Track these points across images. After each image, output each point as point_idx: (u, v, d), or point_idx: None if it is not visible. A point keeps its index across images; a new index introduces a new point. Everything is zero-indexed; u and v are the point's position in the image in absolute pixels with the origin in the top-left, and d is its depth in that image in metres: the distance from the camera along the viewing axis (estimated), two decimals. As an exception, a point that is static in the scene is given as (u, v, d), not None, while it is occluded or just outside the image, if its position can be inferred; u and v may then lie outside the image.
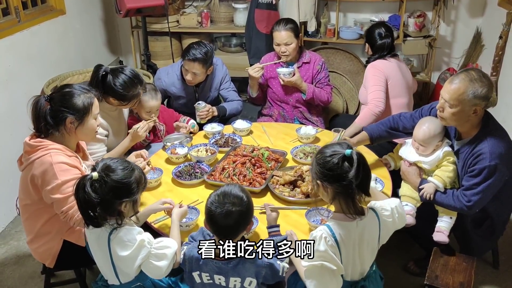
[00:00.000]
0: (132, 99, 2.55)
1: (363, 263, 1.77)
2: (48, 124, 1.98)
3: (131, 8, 3.67)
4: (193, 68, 3.00)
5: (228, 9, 4.38)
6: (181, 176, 2.39)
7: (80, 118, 2.01)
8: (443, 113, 2.17)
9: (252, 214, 1.73)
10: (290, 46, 3.12)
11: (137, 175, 1.73)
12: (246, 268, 1.69)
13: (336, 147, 1.71)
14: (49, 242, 2.12)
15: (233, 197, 1.65)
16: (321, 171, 1.68)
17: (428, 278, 2.18)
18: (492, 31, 3.80)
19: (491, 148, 2.10)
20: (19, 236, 3.05)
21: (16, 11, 3.25)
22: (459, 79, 2.08)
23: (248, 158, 2.44)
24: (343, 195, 1.67)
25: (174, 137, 2.80)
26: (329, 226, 1.68)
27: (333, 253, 1.66)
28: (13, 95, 3.18)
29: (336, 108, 4.13)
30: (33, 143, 1.97)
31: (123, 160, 1.76)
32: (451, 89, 2.09)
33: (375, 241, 1.77)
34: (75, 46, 3.98)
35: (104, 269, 1.82)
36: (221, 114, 3.19)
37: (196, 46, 3.00)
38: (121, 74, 2.50)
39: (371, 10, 4.37)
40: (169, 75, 3.21)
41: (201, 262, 1.71)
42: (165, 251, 1.73)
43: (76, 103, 2.00)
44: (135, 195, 1.72)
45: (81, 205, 1.67)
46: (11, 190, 3.17)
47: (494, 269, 2.67)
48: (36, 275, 2.68)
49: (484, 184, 2.12)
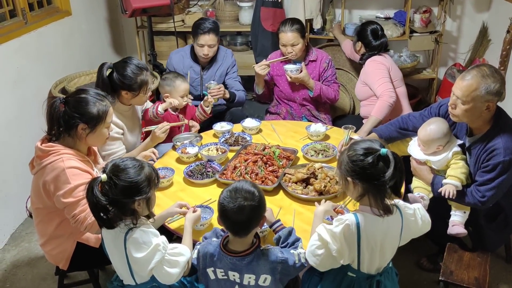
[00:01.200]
0: (142, 86, 2.55)
1: (382, 259, 1.77)
2: (60, 127, 1.99)
3: (137, 8, 3.67)
4: (209, 40, 3.20)
5: (233, 7, 4.37)
6: (193, 176, 2.39)
7: (92, 126, 2.01)
8: (455, 110, 2.16)
9: (265, 209, 1.73)
10: (296, 47, 3.12)
11: (147, 172, 1.72)
12: (260, 265, 1.69)
13: (369, 143, 1.68)
14: (62, 244, 2.13)
15: (245, 192, 1.65)
16: (353, 169, 1.66)
17: (443, 274, 2.18)
18: (499, 26, 3.79)
19: (505, 143, 2.10)
20: (30, 237, 3.05)
21: (23, 13, 3.25)
22: (471, 76, 2.07)
23: (259, 157, 2.44)
24: (373, 193, 1.65)
25: (183, 136, 2.80)
26: (356, 215, 1.68)
27: (347, 242, 1.66)
28: (22, 96, 3.18)
29: (343, 105, 4.12)
30: (45, 148, 1.97)
31: (132, 159, 1.75)
32: (463, 86, 2.08)
33: (397, 239, 1.76)
34: (81, 47, 3.99)
35: (120, 269, 1.81)
36: (231, 99, 3.30)
37: (203, 21, 3.24)
38: (125, 64, 2.51)
39: (377, 6, 4.36)
40: (178, 54, 3.41)
41: (215, 258, 1.72)
42: (178, 259, 1.73)
43: (91, 111, 2.00)
44: (147, 193, 1.71)
45: (92, 208, 1.67)
46: (21, 191, 3.19)
47: (507, 263, 2.66)
48: (48, 277, 2.69)
49: (498, 180, 2.12)
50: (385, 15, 4.25)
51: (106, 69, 2.48)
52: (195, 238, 1.91)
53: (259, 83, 3.29)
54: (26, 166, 3.18)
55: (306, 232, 1.92)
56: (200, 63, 3.37)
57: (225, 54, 3.45)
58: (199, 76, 3.39)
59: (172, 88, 2.90)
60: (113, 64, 2.52)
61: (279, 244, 1.81)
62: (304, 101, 3.30)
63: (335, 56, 4.30)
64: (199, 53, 3.27)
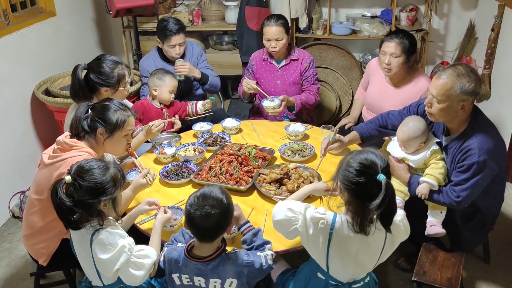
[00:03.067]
0: (120, 79, 2.55)
1: (356, 270, 1.75)
2: (84, 129, 2.07)
3: (120, 8, 3.67)
4: (180, 39, 3.25)
5: (219, 7, 4.36)
6: (168, 176, 2.39)
7: (110, 132, 2.08)
8: (431, 109, 2.16)
9: (232, 216, 1.72)
10: (280, 42, 3.11)
11: (112, 173, 1.72)
12: (226, 269, 1.68)
13: (372, 157, 1.59)
14: (48, 240, 2.13)
15: (213, 200, 1.64)
16: (344, 178, 1.60)
17: (416, 274, 2.17)
18: (485, 24, 3.77)
19: (479, 143, 2.09)
20: (12, 238, 3.06)
21: (5, 14, 3.24)
22: (447, 75, 2.07)
23: (234, 157, 2.43)
24: (355, 210, 1.62)
25: (163, 137, 2.80)
26: (335, 216, 1.65)
27: (318, 232, 1.66)
28: (3, 97, 3.19)
29: (329, 104, 4.12)
30: (69, 142, 2.03)
31: (97, 159, 1.76)
32: (438, 85, 2.08)
33: (377, 255, 1.72)
34: (67, 47, 3.98)
35: (88, 270, 1.82)
36: (202, 80, 3.35)
37: (168, 22, 3.24)
38: (99, 62, 2.53)
39: (363, 4, 4.34)
40: (148, 59, 3.41)
41: (180, 264, 1.72)
42: (143, 261, 1.73)
43: (111, 117, 2.08)
44: (113, 193, 1.71)
45: (57, 209, 1.66)
46: (4, 192, 3.20)
47: (485, 264, 2.66)
48: (27, 277, 2.69)
49: (473, 180, 2.11)
50: (372, 13, 4.24)
51: (81, 70, 2.48)
52: (164, 239, 1.91)
53: (245, 94, 3.29)
54: (8, 168, 3.23)
55: (276, 233, 1.91)
56: (172, 63, 3.35)
57: (191, 46, 3.47)
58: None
59: (162, 82, 2.98)
60: (87, 65, 2.52)
61: (245, 246, 1.81)
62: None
63: (322, 55, 4.30)
64: (171, 53, 3.27)
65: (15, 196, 3.28)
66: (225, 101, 4.57)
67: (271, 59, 3.26)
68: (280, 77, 3.25)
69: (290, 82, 3.25)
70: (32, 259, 2.25)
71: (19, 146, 3.36)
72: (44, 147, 3.58)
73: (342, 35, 4.18)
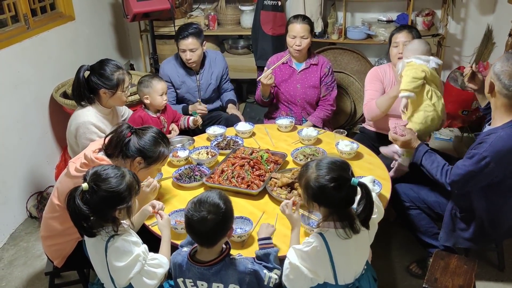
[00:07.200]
0: (119, 83, 2.60)
1: (358, 263, 1.78)
2: (123, 152, 2.02)
3: (138, 13, 3.72)
4: (190, 44, 3.22)
5: (235, 11, 4.40)
6: (181, 179, 2.42)
7: (148, 164, 2.06)
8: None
9: (231, 221, 1.71)
10: (305, 40, 3.14)
11: (128, 181, 1.73)
12: (229, 274, 1.68)
13: (335, 166, 1.64)
14: (65, 243, 2.17)
15: (209, 205, 1.63)
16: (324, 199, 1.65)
17: (427, 281, 2.15)
18: (503, 28, 3.73)
19: (493, 140, 2.08)
20: (29, 238, 3.13)
21: (25, 18, 3.33)
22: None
23: (246, 161, 2.45)
24: (341, 215, 1.64)
25: (176, 140, 2.83)
26: (323, 236, 1.67)
27: (319, 262, 1.67)
28: (23, 100, 3.26)
29: (344, 108, 4.11)
30: (96, 160, 1.98)
31: (113, 167, 1.76)
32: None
33: (367, 241, 1.77)
34: (86, 51, 4.06)
35: (101, 274, 1.84)
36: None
37: (184, 26, 3.28)
38: (102, 64, 2.59)
39: (379, 9, 4.34)
40: (170, 63, 3.44)
41: (184, 268, 1.73)
42: (156, 271, 1.76)
43: (154, 150, 2.04)
44: (128, 202, 1.73)
45: (72, 217, 1.67)
46: (21, 193, 3.27)
47: (499, 271, 2.62)
48: (42, 276, 2.74)
49: (469, 169, 2.12)
50: (388, 18, 4.23)
51: (83, 71, 2.57)
52: (175, 241, 1.94)
53: (265, 92, 3.26)
54: (26, 169, 3.30)
55: (286, 237, 1.93)
56: (193, 69, 3.38)
57: (216, 56, 3.49)
58: (196, 83, 3.41)
59: (150, 89, 2.90)
60: (90, 66, 2.60)
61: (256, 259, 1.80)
62: (305, 104, 3.31)
63: (337, 59, 4.29)
64: (183, 58, 3.31)
65: (33, 197, 3.35)
66: (240, 104, 4.59)
67: (291, 62, 3.27)
68: (300, 80, 3.27)
69: (310, 86, 3.27)
70: (48, 259, 2.30)
71: (37, 147, 3.43)
72: (61, 149, 3.65)
73: (358, 39, 4.18)
